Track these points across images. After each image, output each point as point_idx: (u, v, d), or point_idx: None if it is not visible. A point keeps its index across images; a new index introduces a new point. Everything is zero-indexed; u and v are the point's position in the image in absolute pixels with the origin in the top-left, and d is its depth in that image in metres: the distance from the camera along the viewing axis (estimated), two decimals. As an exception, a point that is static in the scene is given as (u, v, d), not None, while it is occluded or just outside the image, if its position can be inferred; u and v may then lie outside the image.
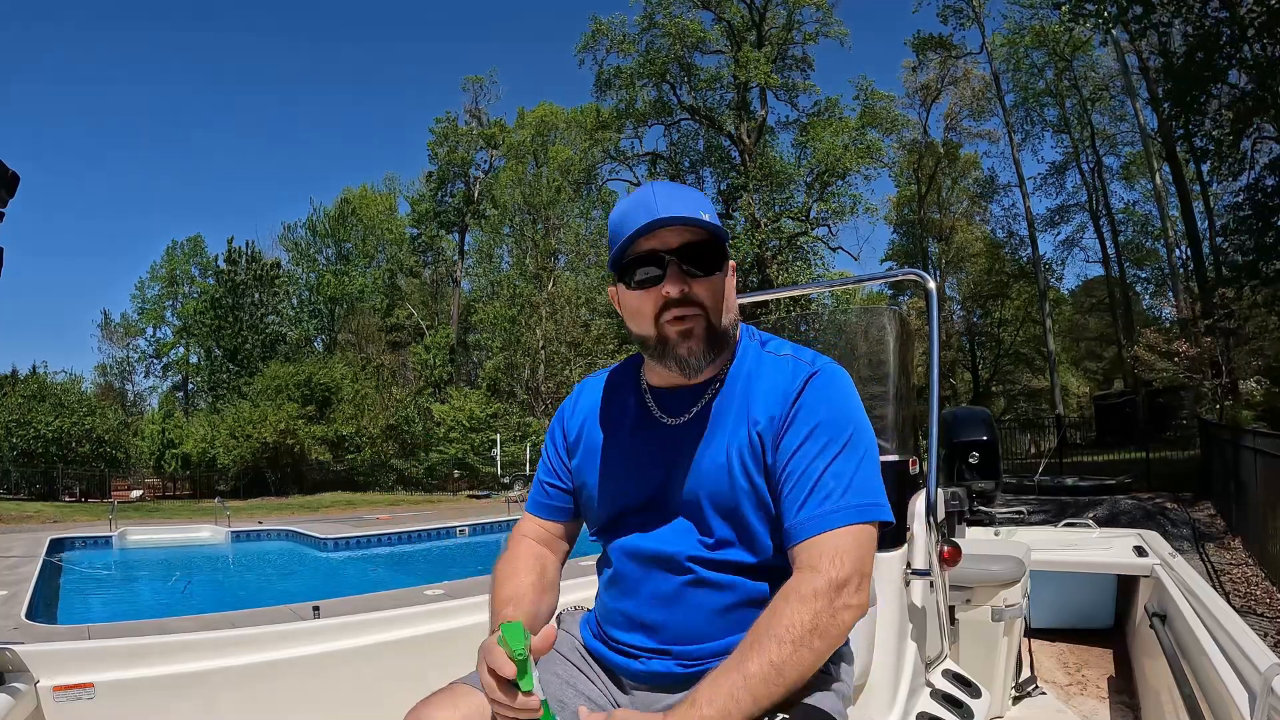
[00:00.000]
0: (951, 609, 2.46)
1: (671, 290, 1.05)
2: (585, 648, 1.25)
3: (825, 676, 1.10)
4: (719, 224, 1.08)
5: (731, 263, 1.12)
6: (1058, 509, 9.68)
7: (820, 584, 0.98)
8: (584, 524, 1.32)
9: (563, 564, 1.31)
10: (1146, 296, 31.23)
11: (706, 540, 1.12)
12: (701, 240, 1.06)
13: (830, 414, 1.08)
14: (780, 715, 0.97)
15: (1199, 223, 21.83)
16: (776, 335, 1.23)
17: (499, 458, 26.44)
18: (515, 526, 1.33)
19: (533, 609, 1.15)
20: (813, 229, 27.95)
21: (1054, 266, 31.48)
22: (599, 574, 1.30)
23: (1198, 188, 22.23)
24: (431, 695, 1.07)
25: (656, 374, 1.20)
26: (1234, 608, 2.31)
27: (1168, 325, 21.62)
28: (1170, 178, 22.59)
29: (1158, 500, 12.03)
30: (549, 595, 1.22)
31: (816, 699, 1.05)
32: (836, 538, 1.02)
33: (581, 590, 2.05)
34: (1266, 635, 5.43)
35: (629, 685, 1.17)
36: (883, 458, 1.98)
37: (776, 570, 1.10)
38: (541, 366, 30.01)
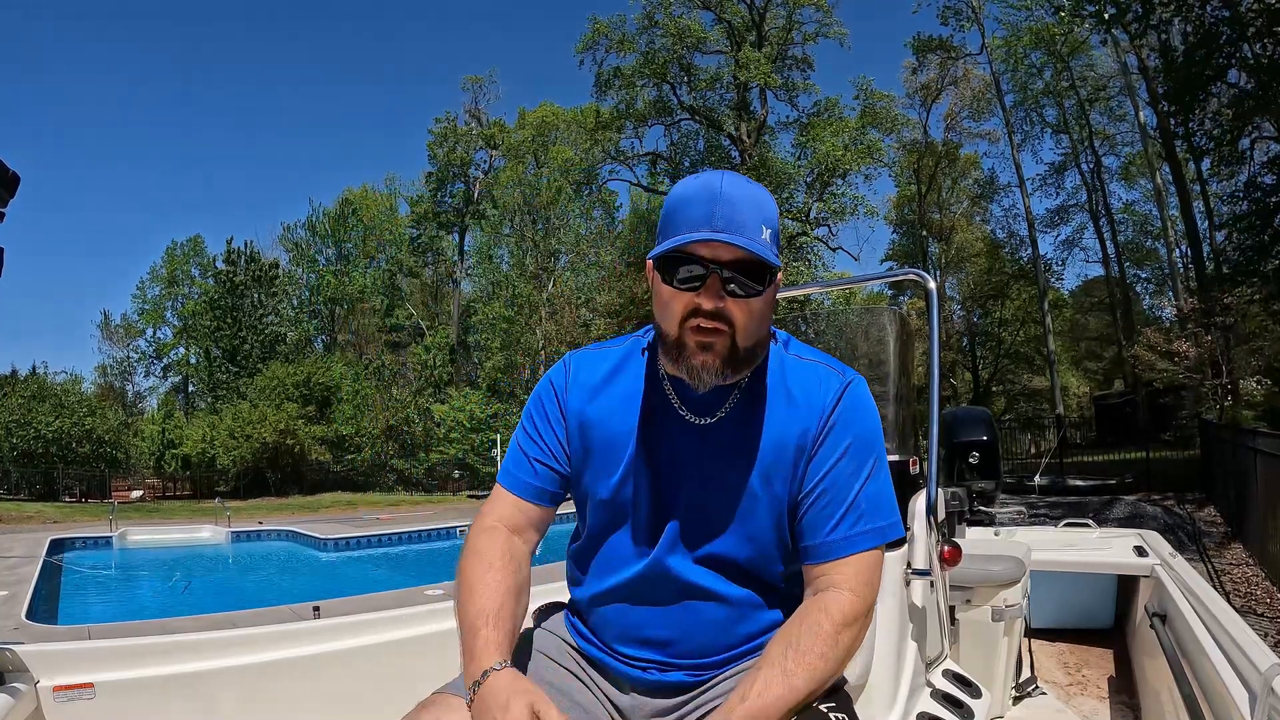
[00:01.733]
0: (952, 609, 2.46)
1: (705, 303, 1.01)
2: (578, 651, 1.19)
3: None
4: (775, 244, 1.03)
5: (779, 276, 1.07)
6: (1070, 511, 9.54)
7: (861, 608, 1.04)
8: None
9: (532, 557, 1.17)
10: (1146, 296, 31.22)
11: (721, 555, 1.09)
12: (754, 259, 1.00)
13: (863, 431, 1.09)
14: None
15: (1199, 222, 21.82)
16: (794, 336, 1.21)
17: (499, 458, 26.44)
18: (485, 504, 1.17)
19: (512, 626, 1.04)
20: (813, 229, 27.94)
21: (1054, 267, 31.43)
22: (579, 569, 1.20)
23: (1197, 187, 22.21)
24: (418, 710, 1.01)
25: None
26: (1234, 608, 2.31)
27: (1168, 325, 21.59)
28: (1170, 177, 22.57)
29: (1165, 502, 12.02)
30: (523, 600, 1.10)
31: None
32: (868, 560, 1.06)
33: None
34: (1267, 635, 5.43)
35: (630, 689, 1.14)
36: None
37: (786, 580, 1.11)
38: (541, 367, 30.00)
